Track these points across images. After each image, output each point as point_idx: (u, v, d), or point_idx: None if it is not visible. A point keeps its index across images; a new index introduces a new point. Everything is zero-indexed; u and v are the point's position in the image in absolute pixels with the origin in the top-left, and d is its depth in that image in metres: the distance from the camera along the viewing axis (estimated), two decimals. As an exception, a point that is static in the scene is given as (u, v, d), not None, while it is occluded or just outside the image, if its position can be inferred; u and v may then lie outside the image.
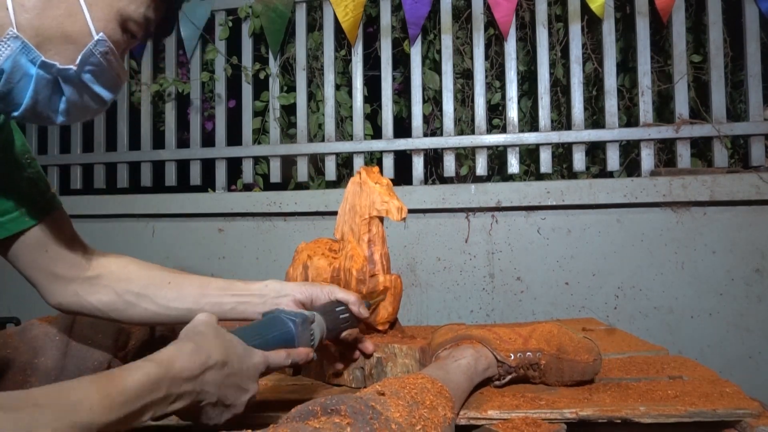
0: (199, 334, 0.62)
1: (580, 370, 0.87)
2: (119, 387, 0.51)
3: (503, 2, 1.82)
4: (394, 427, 0.56)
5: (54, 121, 0.70)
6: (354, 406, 0.56)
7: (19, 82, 0.64)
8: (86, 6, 0.64)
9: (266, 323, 0.73)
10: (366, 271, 0.96)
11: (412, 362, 0.89)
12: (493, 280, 1.82)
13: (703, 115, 1.79)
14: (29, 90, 0.64)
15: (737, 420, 0.74)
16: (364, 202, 0.98)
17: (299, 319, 0.73)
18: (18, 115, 0.67)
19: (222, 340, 0.62)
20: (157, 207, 2.01)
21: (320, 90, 2.05)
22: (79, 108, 0.70)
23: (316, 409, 0.56)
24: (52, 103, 0.67)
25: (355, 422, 0.54)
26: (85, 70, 0.67)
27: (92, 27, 0.65)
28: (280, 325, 0.72)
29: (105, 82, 0.70)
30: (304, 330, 0.74)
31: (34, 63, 0.63)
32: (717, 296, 1.69)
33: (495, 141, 1.85)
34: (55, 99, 0.67)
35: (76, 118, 0.72)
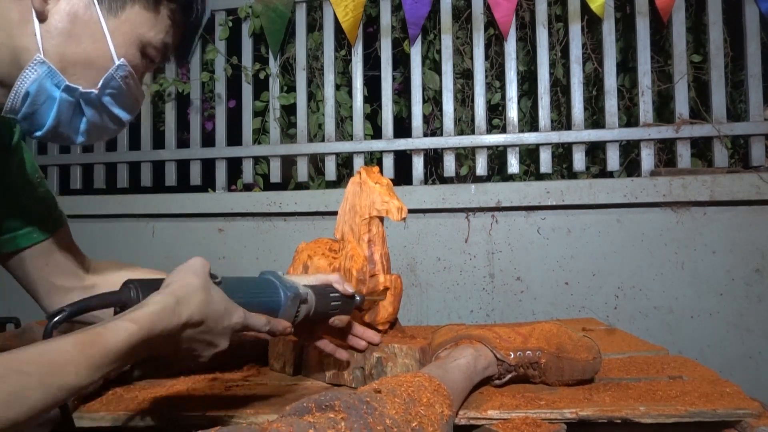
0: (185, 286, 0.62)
1: (580, 368, 0.87)
2: (102, 350, 0.52)
3: (503, 2, 1.82)
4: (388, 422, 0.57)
5: (74, 141, 0.74)
6: (348, 401, 0.56)
7: (43, 104, 0.68)
8: (109, 33, 0.68)
9: (260, 284, 0.74)
10: (366, 271, 0.96)
11: (412, 362, 0.89)
12: (493, 280, 1.82)
13: (703, 115, 1.79)
14: (53, 111, 0.68)
15: (737, 420, 0.74)
16: (364, 202, 0.98)
17: (292, 293, 0.74)
18: (41, 134, 0.70)
19: (205, 297, 0.62)
20: (157, 207, 2.01)
21: (320, 90, 2.05)
22: (98, 128, 0.74)
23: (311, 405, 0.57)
24: (73, 124, 0.71)
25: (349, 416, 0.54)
26: (106, 93, 0.71)
27: (114, 53, 0.69)
28: (271, 293, 0.73)
29: (124, 104, 0.74)
30: (292, 305, 0.74)
31: (59, 87, 0.67)
32: (717, 296, 1.70)
33: (495, 141, 1.85)
34: (76, 120, 0.71)
35: (94, 138, 0.76)
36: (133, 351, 0.55)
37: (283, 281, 0.76)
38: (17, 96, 0.67)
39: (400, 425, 0.58)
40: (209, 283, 0.64)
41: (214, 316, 0.63)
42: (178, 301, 0.60)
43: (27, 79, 0.66)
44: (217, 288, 0.65)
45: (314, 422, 0.53)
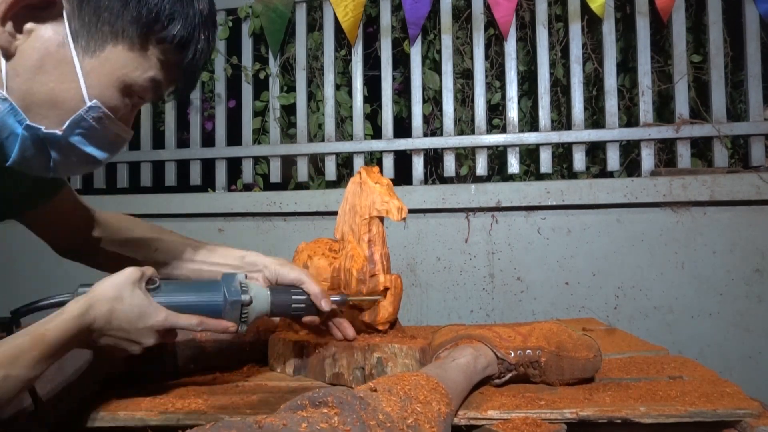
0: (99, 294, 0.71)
1: (581, 367, 0.87)
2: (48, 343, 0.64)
3: (503, 2, 1.82)
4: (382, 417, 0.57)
5: (45, 175, 0.73)
6: (341, 397, 0.57)
7: (7, 138, 0.67)
8: (83, 73, 0.65)
9: (202, 288, 0.80)
10: (366, 271, 0.96)
11: (412, 362, 0.89)
12: (493, 280, 1.82)
13: (703, 115, 1.79)
14: (16, 146, 0.67)
15: (737, 420, 0.74)
16: (365, 202, 0.98)
17: (231, 299, 0.78)
18: (9, 164, 0.69)
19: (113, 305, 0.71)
20: (157, 207, 2.01)
21: (320, 90, 2.05)
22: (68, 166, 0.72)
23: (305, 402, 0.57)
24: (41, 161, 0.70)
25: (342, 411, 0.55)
26: (76, 134, 0.68)
27: (85, 94, 0.66)
28: (212, 295, 0.78)
29: (98, 143, 0.70)
30: (232, 309, 0.78)
31: (21, 124, 0.65)
32: (717, 296, 1.69)
33: (495, 141, 1.85)
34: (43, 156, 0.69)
35: (68, 173, 0.75)
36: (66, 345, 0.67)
37: (230, 285, 0.79)
38: None
39: (395, 421, 0.58)
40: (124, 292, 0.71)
41: (125, 319, 0.71)
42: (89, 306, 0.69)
43: None
44: (139, 294, 0.73)
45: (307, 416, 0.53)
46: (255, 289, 0.82)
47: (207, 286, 0.80)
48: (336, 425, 0.52)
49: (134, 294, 0.72)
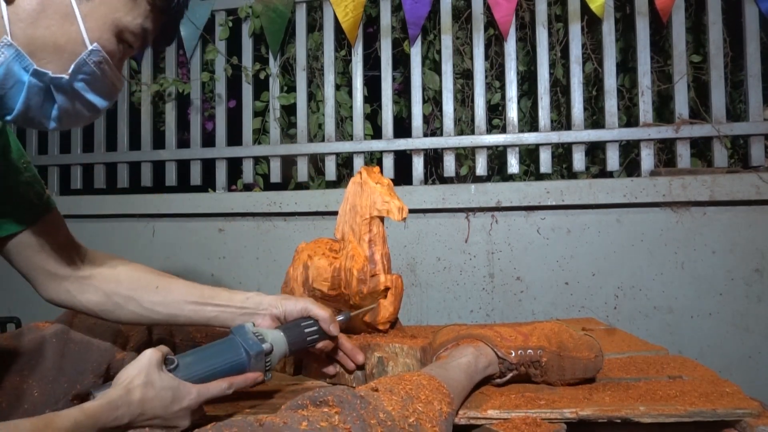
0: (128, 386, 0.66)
1: (582, 367, 0.87)
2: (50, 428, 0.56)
3: (503, 2, 1.82)
4: (382, 416, 0.57)
5: (46, 127, 0.72)
6: (341, 396, 0.57)
7: (11, 88, 0.66)
8: (81, 16, 0.66)
9: (221, 352, 0.76)
10: (367, 271, 0.96)
11: (413, 362, 0.89)
12: (493, 280, 1.82)
13: (703, 115, 1.79)
14: (21, 96, 0.66)
15: (737, 420, 0.74)
16: (365, 202, 0.98)
17: (254, 351, 0.76)
18: (11, 119, 0.69)
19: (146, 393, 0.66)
20: (158, 207, 2.01)
21: (320, 90, 2.05)
22: (71, 115, 0.72)
23: (306, 402, 0.58)
24: (44, 110, 0.69)
25: (343, 410, 0.55)
26: (78, 79, 0.68)
27: (86, 37, 0.67)
28: (233, 355, 0.76)
29: (98, 90, 0.71)
30: (257, 362, 0.77)
31: (27, 71, 0.65)
32: (717, 296, 1.70)
33: (495, 141, 1.85)
34: (47, 106, 0.69)
35: (68, 124, 0.73)
36: None
37: (247, 338, 0.78)
38: None
39: (396, 420, 0.58)
40: (153, 376, 0.67)
41: (159, 405, 0.67)
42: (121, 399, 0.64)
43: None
44: (166, 376, 0.69)
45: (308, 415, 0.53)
46: (270, 334, 0.81)
47: (225, 348, 0.77)
48: (336, 424, 0.53)
49: (162, 377, 0.69)
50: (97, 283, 0.87)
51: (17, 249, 0.83)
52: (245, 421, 0.52)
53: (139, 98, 2.11)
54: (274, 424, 0.51)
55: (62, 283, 0.86)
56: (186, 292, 0.89)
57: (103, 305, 0.87)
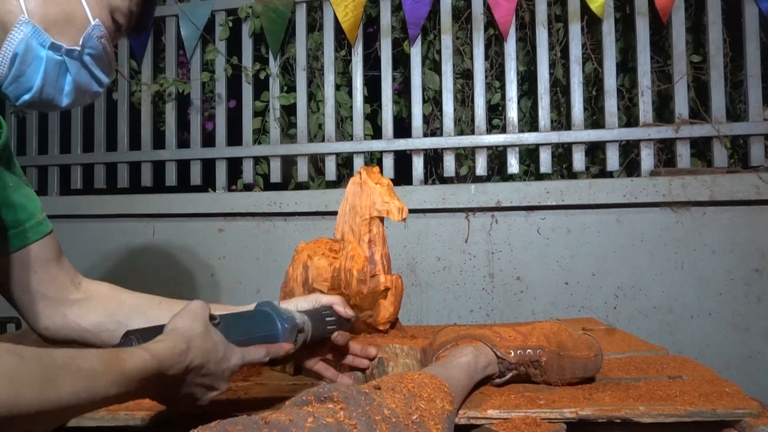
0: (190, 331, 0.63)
1: (582, 366, 0.87)
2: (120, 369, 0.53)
3: (503, 2, 1.82)
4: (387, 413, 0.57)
5: (59, 104, 0.76)
6: (346, 392, 0.57)
7: (30, 65, 0.71)
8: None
9: (257, 319, 0.75)
10: (367, 271, 0.96)
11: (413, 362, 0.89)
12: (493, 280, 1.82)
13: (702, 115, 1.79)
14: (40, 71, 0.72)
15: (737, 420, 0.74)
16: (365, 202, 0.98)
17: (289, 324, 0.75)
18: (28, 98, 0.73)
19: (207, 342, 0.64)
20: (158, 207, 2.01)
21: (320, 90, 2.05)
22: (82, 89, 0.77)
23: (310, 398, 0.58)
24: (59, 85, 0.75)
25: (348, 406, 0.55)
26: (86, 53, 0.75)
27: (89, 13, 0.74)
28: (269, 326, 0.75)
29: (102, 66, 0.78)
30: (290, 335, 0.76)
31: (44, 45, 0.71)
32: (717, 296, 1.70)
33: (495, 141, 1.85)
34: (61, 80, 0.75)
35: (79, 100, 0.78)
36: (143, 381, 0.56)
37: (279, 312, 0.77)
38: (5, 59, 0.70)
39: (400, 416, 0.58)
40: (210, 328, 0.65)
41: (214, 360, 0.64)
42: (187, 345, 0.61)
43: (14, 40, 0.69)
44: (217, 331, 0.66)
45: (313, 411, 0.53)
46: (296, 313, 0.80)
47: (261, 317, 0.76)
48: (342, 419, 0.53)
49: (215, 332, 0.66)
50: (96, 303, 0.84)
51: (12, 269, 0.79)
52: (250, 419, 0.52)
53: (139, 98, 2.11)
54: (280, 421, 0.51)
55: (57, 308, 0.82)
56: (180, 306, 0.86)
57: (105, 325, 0.83)
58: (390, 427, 0.56)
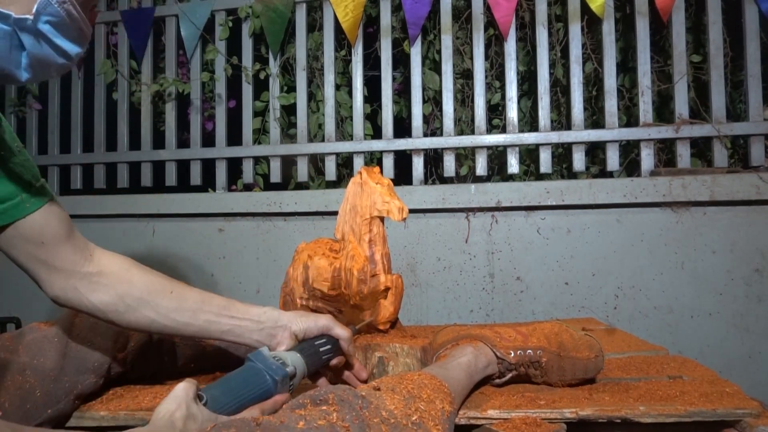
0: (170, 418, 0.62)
1: (582, 367, 0.87)
2: None
3: (503, 2, 1.82)
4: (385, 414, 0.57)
5: (19, 78, 0.69)
6: (341, 395, 0.57)
7: None
8: None
9: (247, 380, 0.74)
10: (367, 271, 0.96)
11: (413, 361, 0.89)
12: (493, 280, 1.82)
13: (703, 115, 1.79)
14: None
15: (737, 420, 0.74)
16: (365, 202, 0.98)
17: (279, 376, 0.75)
18: None
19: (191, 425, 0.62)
20: (158, 207, 2.01)
21: (320, 90, 2.05)
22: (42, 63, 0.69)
23: (306, 401, 0.57)
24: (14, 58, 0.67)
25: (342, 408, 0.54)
26: (43, 21, 0.66)
27: None
28: (260, 383, 0.74)
29: (68, 35, 0.69)
30: (283, 386, 0.76)
31: None
32: (717, 296, 1.70)
33: (495, 141, 1.85)
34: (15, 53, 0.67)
35: (41, 74, 0.71)
36: None
37: (269, 365, 0.76)
38: None
39: (398, 418, 0.58)
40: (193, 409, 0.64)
41: None
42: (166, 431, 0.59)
43: None
44: (202, 410, 0.65)
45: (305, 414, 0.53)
46: (289, 357, 0.79)
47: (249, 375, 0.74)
48: (334, 422, 0.53)
49: (201, 410, 0.65)
50: (107, 281, 0.82)
51: (17, 240, 0.77)
52: (243, 420, 0.52)
53: (139, 98, 2.11)
54: (271, 423, 0.51)
55: (69, 279, 0.80)
56: (201, 300, 0.84)
57: (114, 306, 0.81)
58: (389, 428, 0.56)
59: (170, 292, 0.83)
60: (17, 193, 0.76)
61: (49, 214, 0.80)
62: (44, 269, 0.79)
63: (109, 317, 0.82)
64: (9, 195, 0.76)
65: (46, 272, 0.80)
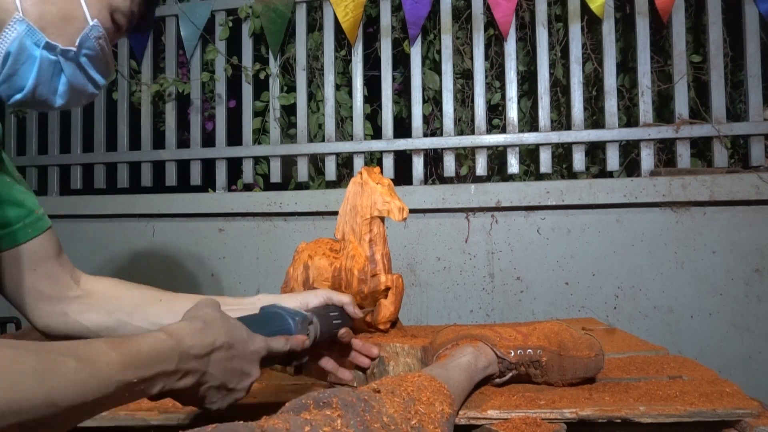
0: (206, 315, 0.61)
1: (582, 366, 0.87)
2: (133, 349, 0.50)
3: (503, 2, 1.82)
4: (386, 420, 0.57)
5: (53, 104, 0.75)
6: (345, 399, 0.57)
7: (23, 64, 0.70)
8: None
9: (267, 318, 0.73)
10: (367, 271, 0.96)
11: (414, 361, 0.89)
12: (493, 280, 1.82)
13: (702, 115, 1.79)
14: (33, 71, 0.71)
15: (737, 420, 0.74)
16: (366, 202, 0.98)
17: (299, 317, 0.74)
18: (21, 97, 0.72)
19: (228, 324, 0.62)
20: (158, 207, 2.01)
21: (320, 90, 2.05)
22: (77, 90, 0.76)
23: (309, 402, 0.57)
24: (53, 85, 0.74)
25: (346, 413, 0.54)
26: (83, 54, 0.74)
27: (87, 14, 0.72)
28: (280, 322, 0.73)
29: (99, 67, 0.77)
30: (302, 329, 0.75)
31: (38, 45, 0.70)
32: (717, 296, 1.70)
33: (495, 141, 1.85)
34: (54, 81, 0.74)
35: (73, 101, 0.77)
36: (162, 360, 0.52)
37: (287, 309, 0.76)
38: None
39: (398, 423, 0.58)
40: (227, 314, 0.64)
41: (240, 340, 0.61)
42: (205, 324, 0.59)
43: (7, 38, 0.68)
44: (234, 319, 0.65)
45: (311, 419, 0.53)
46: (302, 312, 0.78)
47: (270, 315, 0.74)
48: (339, 428, 0.53)
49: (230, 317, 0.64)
50: (95, 302, 0.82)
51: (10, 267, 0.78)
52: (246, 425, 0.52)
53: (139, 98, 2.11)
54: (277, 428, 0.50)
55: (57, 305, 0.80)
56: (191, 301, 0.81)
57: (104, 324, 0.81)
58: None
59: (159, 301, 0.84)
60: (21, 219, 0.78)
61: (46, 241, 0.81)
62: (32, 297, 0.80)
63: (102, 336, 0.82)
64: (13, 220, 0.78)
65: (34, 300, 0.80)
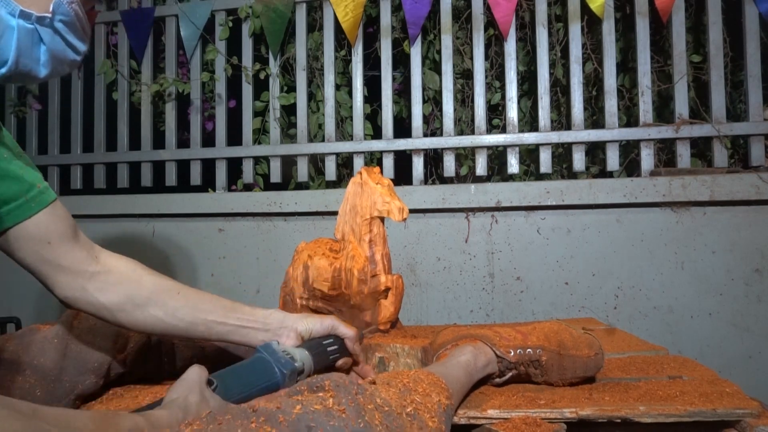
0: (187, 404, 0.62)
1: (582, 365, 0.87)
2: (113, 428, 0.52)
3: (503, 2, 1.82)
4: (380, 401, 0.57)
5: (38, 74, 0.75)
6: (337, 381, 0.57)
7: (2, 36, 0.70)
8: None
9: (256, 370, 0.74)
10: (367, 271, 0.96)
11: (414, 361, 0.89)
12: (493, 280, 1.82)
13: (703, 115, 1.79)
14: (13, 42, 0.71)
15: (737, 420, 0.74)
16: (365, 202, 0.98)
17: (288, 370, 0.75)
18: (5, 72, 0.72)
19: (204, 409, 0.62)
20: (158, 207, 2.01)
21: (320, 90, 2.05)
22: (58, 58, 0.76)
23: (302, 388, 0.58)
24: (34, 54, 0.74)
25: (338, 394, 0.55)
26: (57, 20, 0.74)
27: None
28: (268, 375, 0.74)
29: (76, 33, 0.77)
30: (291, 380, 0.76)
31: (14, 14, 0.70)
32: (717, 296, 1.70)
33: (495, 141, 1.85)
34: (35, 50, 0.74)
35: (57, 70, 0.77)
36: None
37: (278, 358, 0.76)
38: None
39: (393, 407, 0.58)
40: (207, 394, 0.64)
41: None
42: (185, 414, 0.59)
43: None
44: (214, 396, 0.66)
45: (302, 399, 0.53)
46: (297, 353, 0.79)
47: (259, 367, 0.75)
48: (330, 406, 0.53)
49: (213, 397, 0.65)
50: (115, 281, 0.82)
51: (24, 242, 0.77)
52: (239, 407, 0.52)
53: (139, 98, 2.11)
54: (268, 409, 0.51)
55: (76, 279, 0.80)
56: (207, 300, 0.85)
57: (122, 305, 0.81)
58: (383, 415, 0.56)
59: (177, 293, 0.84)
60: (22, 194, 0.77)
61: (54, 214, 0.80)
62: (52, 269, 0.79)
63: (118, 317, 0.82)
64: (14, 196, 0.76)
65: (54, 272, 0.80)
